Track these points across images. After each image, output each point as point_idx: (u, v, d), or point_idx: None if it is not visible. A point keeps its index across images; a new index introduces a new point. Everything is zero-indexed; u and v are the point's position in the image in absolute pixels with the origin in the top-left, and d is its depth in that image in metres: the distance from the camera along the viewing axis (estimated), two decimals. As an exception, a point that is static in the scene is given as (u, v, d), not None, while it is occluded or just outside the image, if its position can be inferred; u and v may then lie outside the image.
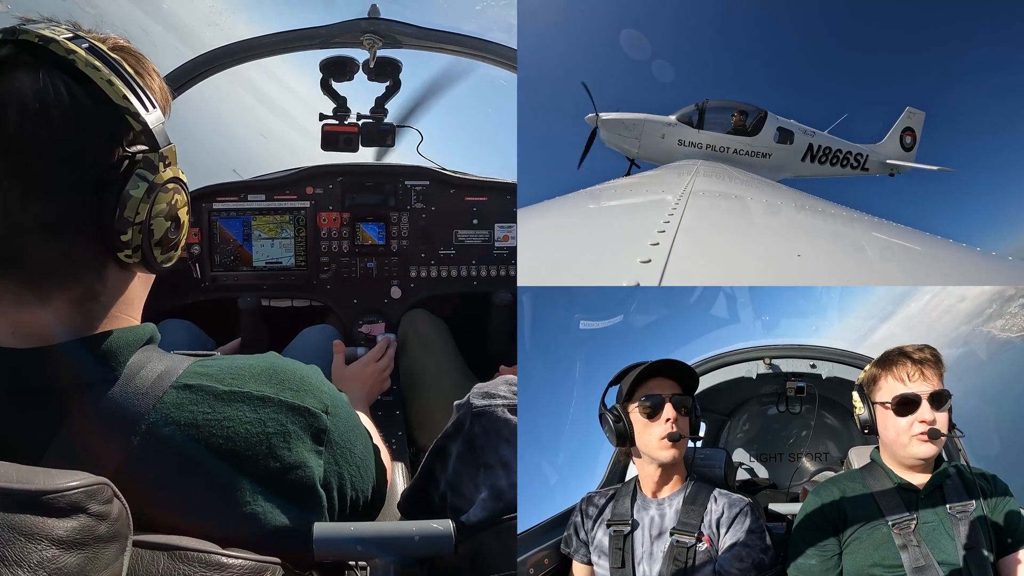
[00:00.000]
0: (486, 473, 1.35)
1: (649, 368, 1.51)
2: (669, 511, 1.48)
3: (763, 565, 1.41)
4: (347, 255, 2.99)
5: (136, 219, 1.00)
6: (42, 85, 0.93)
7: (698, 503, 1.47)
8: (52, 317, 0.99)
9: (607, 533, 1.51)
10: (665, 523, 1.48)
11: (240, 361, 1.10)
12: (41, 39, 0.95)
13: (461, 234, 3.04)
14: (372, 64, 2.84)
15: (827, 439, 2.07)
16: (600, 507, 1.55)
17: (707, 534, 1.43)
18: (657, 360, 1.52)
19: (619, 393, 1.54)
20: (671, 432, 1.46)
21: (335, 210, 2.97)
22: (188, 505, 0.99)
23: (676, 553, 1.42)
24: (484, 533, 1.29)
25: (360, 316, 2.96)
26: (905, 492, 1.36)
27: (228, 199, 2.90)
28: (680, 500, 1.49)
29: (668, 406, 1.48)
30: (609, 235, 2.51)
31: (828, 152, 8.27)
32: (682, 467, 1.53)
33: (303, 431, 1.07)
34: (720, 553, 1.42)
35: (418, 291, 3.03)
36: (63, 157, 0.94)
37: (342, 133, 2.90)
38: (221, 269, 2.90)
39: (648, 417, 1.48)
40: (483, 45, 2.94)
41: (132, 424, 0.97)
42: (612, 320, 2.02)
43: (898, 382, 1.37)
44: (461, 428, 1.41)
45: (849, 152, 8.38)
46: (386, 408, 2.59)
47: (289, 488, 1.05)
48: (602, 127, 7.83)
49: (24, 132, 0.91)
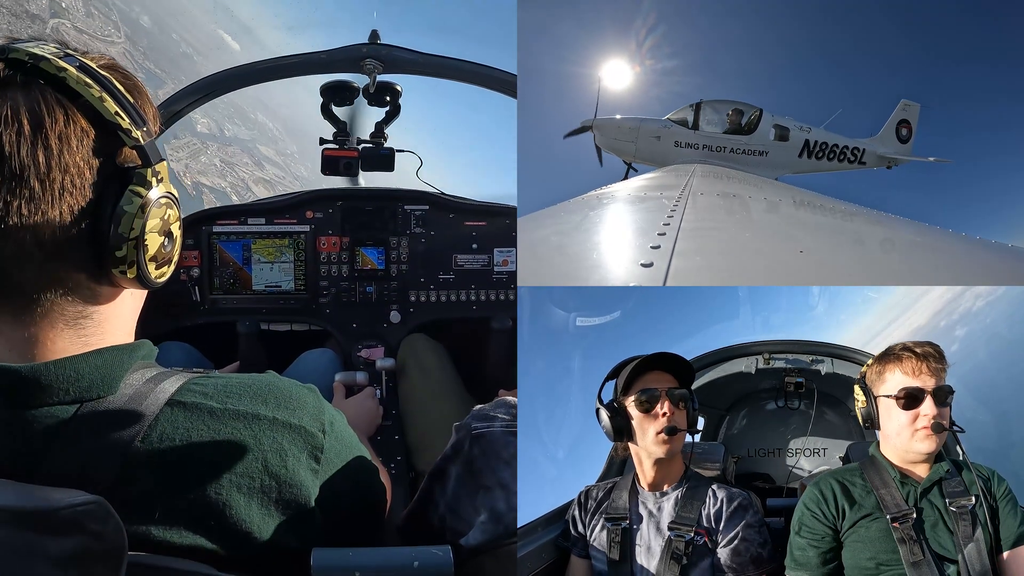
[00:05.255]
0: (485, 495, 1.33)
1: (645, 361, 1.50)
2: (667, 505, 1.48)
3: (761, 559, 1.41)
4: (347, 279, 2.98)
5: (130, 235, 0.99)
6: (34, 103, 0.93)
7: (696, 497, 1.46)
8: (47, 334, 0.99)
9: (605, 527, 1.50)
10: (663, 517, 1.47)
11: (236, 379, 1.09)
12: (31, 57, 0.95)
13: (460, 259, 3.03)
14: (372, 89, 2.85)
15: (826, 434, 2.06)
16: (598, 500, 1.55)
17: (705, 528, 1.43)
18: (653, 353, 1.51)
19: (616, 387, 1.53)
20: (667, 425, 1.46)
21: (335, 234, 2.97)
22: (183, 524, 0.97)
23: (674, 547, 1.41)
24: (484, 557, 1.28)
25: (359, 340, 2.95)
26: (904, 487, 1.36)
27: (228, 222, 2.90)
28: (678, 494, 1.48)
29: (664, 400, 1.47)
30: (609, 238, 2.51)
31: (825, 147, 8.28)
32: (680, 461, 1.52)
33: (300, 450, 1.06)
34: (718, 547, 1.42)
35: (417, 315, 3.02)
36: (56, 174, 0.93)
37: (342, 158, 2.92)
38: (220, 292, 2.89)
39: (644, 411, 1.48)
40: (483, 71, 2.95)
41: (127, 441, 0.96)
42: (610, 316, 2.01)
43: (903, 376, 1.37)
44: (460, 450, 1.40)
45: (846, 147, 8.39)
46: (386, 433, 2.58)
47: (285, 507, 1.04)
48: (597, 131, 7.83)
49: (17, 149, 0.91)
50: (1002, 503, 1.35)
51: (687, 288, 2.00)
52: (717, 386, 2.07)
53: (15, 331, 0.98)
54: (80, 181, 0.95)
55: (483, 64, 2.95)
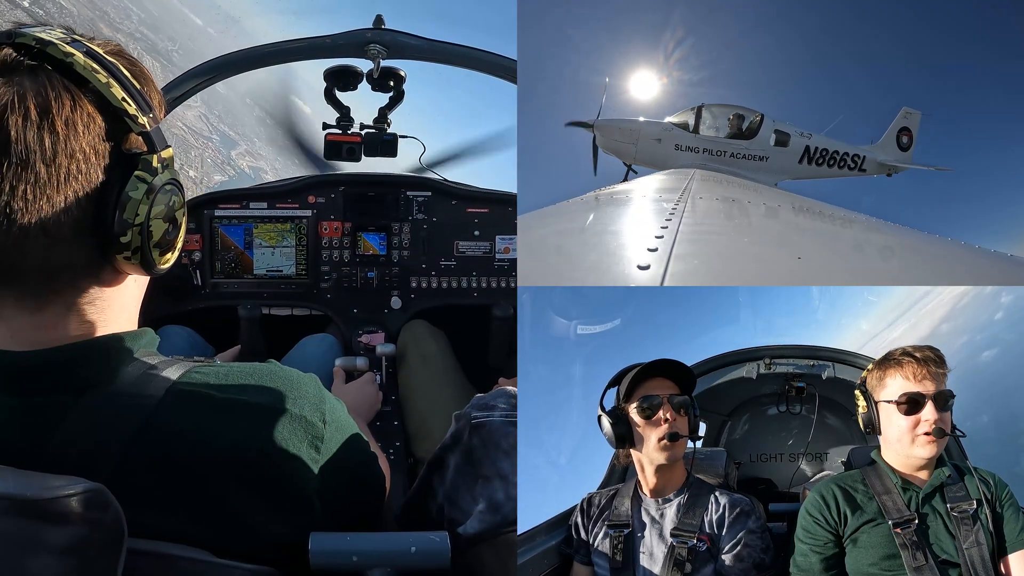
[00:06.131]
0: (484, 485, 1.34)
1: (646, 369, 1.51)
2: (669, 511, 1.48)
3: (763, 565, 1.41)
4: (348, 264, 2.99)
5: (135, 220, 0.99)
6: (40, 88, 0.92)
7: (698, 503, 1.46)
8: (50, 321, 0.99)
9: (608, 534, 1.50)
10: (665, 523, 1.47)
11: (237, 368, 1.10)
12: (38, 42, 0.95)
13: (462, 245, 3.03)
14: (376, 74, 2.85)
15: (828, 439, 2.06)
16: (600, 507, 1.55)
17: (707, 534, 1.43)
18: (654, 360, 1.51)
19: (617, 394, 1.53)
20: (669, 432, 1.46)
21: (336, 219, 2.98)
22: (183, 511, 0.98)
23: (677, 553, 1.41)
24: (482, 546, 1.28)
25: (360, 326, 2.95)
26: (906, 492, 1.36)
27: (230, 206, 2.90)
28: (680, 500, 1.48)
29: (666, 406, 1.48)
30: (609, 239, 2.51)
31: (825, 154, 8.30)
32: (682, 467, 1.52)
33: (299, 438, 1.07)
34: (721, 553, 1.42)
35: (418, 302, 3.03)
36: (62, 159, 0.93)
37: (345, 143, 2.90)
38: (222, 276, 2.89)
39: (646, 418, 1.48)
40: (484, 56, 2.94)
41: (128, 429, 0.96)
42: (610, 324, 2.02)
43: (903, 381, 1.37)
44: (459, 439, 1.40)
45: (846, 153, 8.41)
46: (385, 419, 2.58)
47: (285, 496, 1.05)
48: (598, 132, 7.85)
49: (23, 134, 0.91)
50: (1004, 507, 1.35)
51: (688, 294, 2.01)
52: (718, 391, 2.07)
53: (18, 316, 0.98)
54: (86, 167, 0.95)
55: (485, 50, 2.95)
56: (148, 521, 0.94)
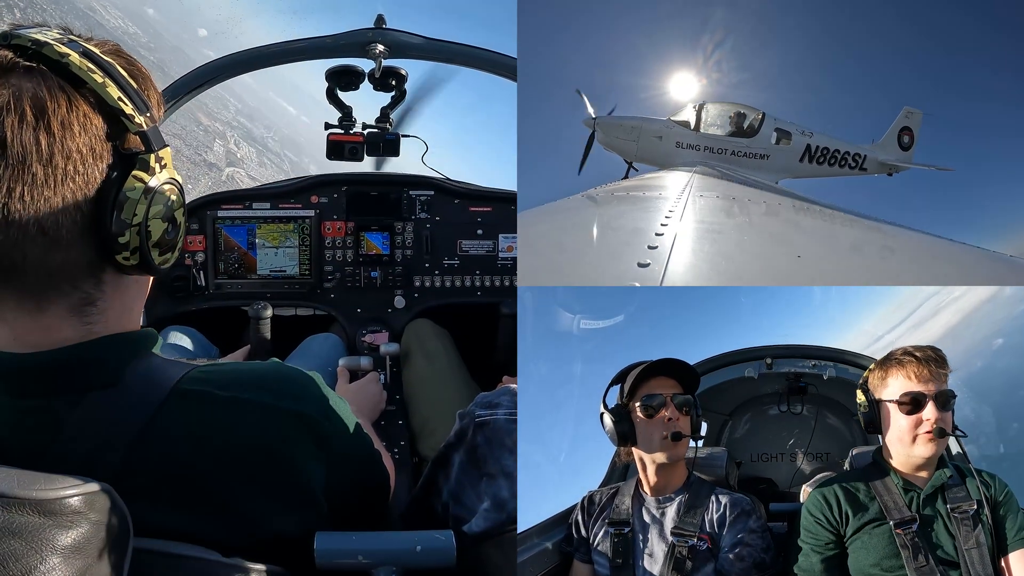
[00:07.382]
0: (488, 483, 1.34)
1: (650, 367, 1.51)
2: (670, 510, 1.48)
3: (764, 564, 1.41)
4: (351, 264, 2.99)
5: (134, 220, 0.99)
6: (36, 89, 0.92)
7: (699, 502, 1.46)
8: (52, 322, 0.99)
9: (608, 532, 1.50)
10: (666, 522, 1.47)
11: (240, 368, 1.10)
12: (34, 43, 0.95)
13: (465, 244, 3.04)
14: (378, 74, 2.85)
15: (829, 439, 2.06)
16: (601, 506, 1.55)
17: (708, 533, 1.43)
18: (658, 359, 1.51)
19: (620, 393, 1.53)
20: (671, 431, 1.46)
21: (340, 219, 2.98)
22: (188, 512, 0.98)
23: (677, 552, 1.41)
24: (486, 544, 1.29)
25: (364, 325, 2.95)
26: (907, 492, 1.36)
27: (233, 207, 2.91)
28: (681, 499, 1.48)
29: (669, 405, 1.48)
30: (609, 237, 2.51)
31: (826, 153, 8.28)
32: (683, 466, 1.52)
33: (304, 438, 1.07)
34: (721, 552, 1.42)
35: (422, 301, 3.03)
36: (59, 160, 0.93)
37: (347, 143, 2.90)
38: (225, 277, 2.90)
39: (649, 416, 1.48)
40: (485, 55, 2.95)
41: (132, 429, 0.96)
42: (613, 320, 2.02)
43: (905, 381, 1.37)
44: (464, 438, 1.41)
45: (847, 152, 8.39)
46: (389, 418, 2.58)
47: (289, 495, 1.05)
48: (599, 129, 7.83)
49: (19, 135, 0.91)
50: (1005, 508, 1.35)
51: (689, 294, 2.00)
52: (720, 390, 2.07)
53: (19, 319, 0.98)
54: (83, 167, 0.95)
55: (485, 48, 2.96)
56: (154, 521, 0.94)
